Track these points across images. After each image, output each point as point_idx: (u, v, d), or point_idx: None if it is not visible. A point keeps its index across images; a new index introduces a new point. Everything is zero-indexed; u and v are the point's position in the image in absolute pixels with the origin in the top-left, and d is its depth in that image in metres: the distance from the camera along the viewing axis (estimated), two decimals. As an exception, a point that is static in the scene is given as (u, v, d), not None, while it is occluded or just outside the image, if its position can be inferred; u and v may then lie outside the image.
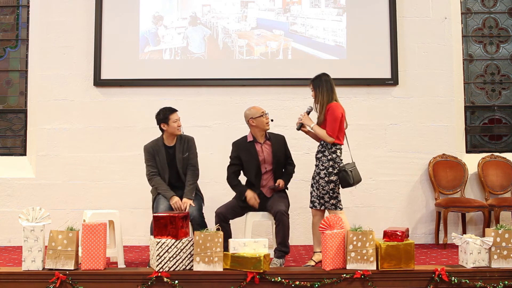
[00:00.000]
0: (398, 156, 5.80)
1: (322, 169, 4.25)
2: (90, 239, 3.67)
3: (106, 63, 5.79)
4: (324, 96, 4.29)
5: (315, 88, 4.33)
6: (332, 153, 4.25)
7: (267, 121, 4.46)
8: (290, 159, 4.60)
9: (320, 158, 4.31)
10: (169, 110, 4.49)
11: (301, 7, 5.88)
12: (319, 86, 4.31)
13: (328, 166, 4.23)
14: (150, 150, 4.54)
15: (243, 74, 5.82)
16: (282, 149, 4.53)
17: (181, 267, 3.69)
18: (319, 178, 4.25)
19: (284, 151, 4.55)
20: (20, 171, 5.85)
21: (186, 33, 5.87)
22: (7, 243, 5.66)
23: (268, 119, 4.48)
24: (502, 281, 3.63)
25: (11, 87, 6.12)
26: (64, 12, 5.84)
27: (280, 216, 4.18)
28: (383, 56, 5.80)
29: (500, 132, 6.13)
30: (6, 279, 3.64)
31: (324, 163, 4.26)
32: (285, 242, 4.20)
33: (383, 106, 5.83)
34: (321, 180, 4.24)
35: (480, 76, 6.16)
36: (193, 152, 4.57)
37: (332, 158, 4.24)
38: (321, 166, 4.27)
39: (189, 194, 4.41)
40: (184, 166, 4.53)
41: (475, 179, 5.84)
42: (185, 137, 4.59)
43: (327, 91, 4.29)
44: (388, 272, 3.64)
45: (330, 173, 4.22)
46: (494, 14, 6.22)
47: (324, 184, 4.22)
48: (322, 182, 4.23)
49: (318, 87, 4.31)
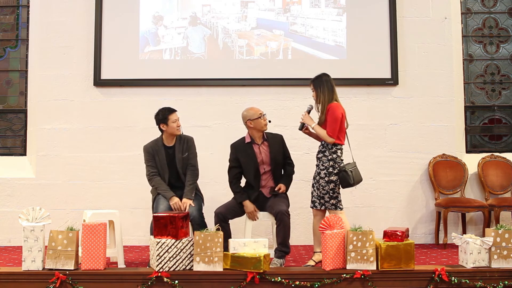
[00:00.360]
0: (398, 156, 5.80)
1: (323, 169, 4.25)
2: (90, 239, 3.67)
3: (106, 63, 5.79)
4: (325, 96, 4.29)
5: (315, 88, 4.33)
6: (332, 153, 4.25)
7: (265, 122, 4.46)
8: (289, 159, 4.59)
9: (320, 158, 4.31)
10: (168, 110, 4.48)
11: (301, 7, 5.88)
12: (320, 86, 4.31)
13: (329, 166, 4.23)
14: (150, 150, 4.54)
15: (243, 74, 5.81)
16: (280, 149, 4.52)
17: (181, 267, 3.69)
18: (320, 178, 4.26)
19: (283, 151, 4.54)
20: (20, 171, 5.85)
21: (186, 33, 5.87)
22: (7, 243, 5.66)
23: (266, 121, 4.47)
24: (502, 281, 3.63)
25: (11, 87, 6.12)
26: (64, 12, 5.84)
27: (281, 216, 4.18)
28: (383, 56, 5.80)
29: (500, 132, 6.13)
30: (6, 279, 3.64)
31: (324, 163, 4.26)
32: (285, 242, 4.20)
33: (383, 106, 5.83)
34: (321, 180, 4.24)
35: (480, 76, 6.16)
36: (192, 152, 4.57)
37: (333, 158, 4.24)
38: (322, 166, 4.27)
39: (189, 194, 4.41)
40: (183, 166, 4.53)
41: (475, 179, 5.84)
42: (184, 137, 4.58)
43: (328, 91, 4.29)
44: (388, 272, 3.64)
45: (330, 173, 4.22)
46: (494, 14, 6.22)
47: (324, 184, 4.22)
48: (322, 182, 4.23)
49: (319, 87, 4.31)
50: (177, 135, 4.54)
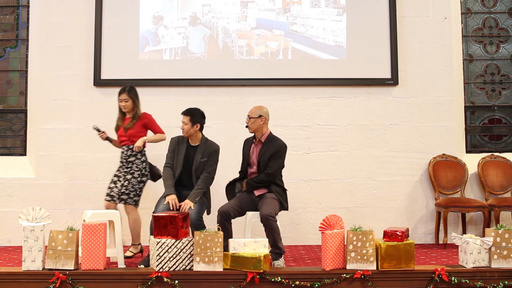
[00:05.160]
0: (398, 156, 5.80)
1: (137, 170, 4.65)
2: (90, 239, 3.67)
3: (106, 63, 5.79)
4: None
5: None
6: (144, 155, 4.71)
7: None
8: (270, 169, 4.41)
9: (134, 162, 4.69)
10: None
11: (301, 7, 5.88)
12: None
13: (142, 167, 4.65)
14: (174, 142, 4.60)
15: (243, 74, 5.82)
16: (268, 154, 4.44)
17: (181, 267, 3.69)
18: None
19: (268, 158, 4.43)
20: (20, 171, 5.85)
21: (186, 33, 5.87)
22: (7, 243, 5.66)
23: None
24: (502, 281, 3.63)
25: (11, 87, 6.12)
26: (64, 12, 5.84)
27: (265, 220, 4.18)
28: (383, 56, 5.81)
29: (500, 132, 6.13)
30: (6, 279, 3.64)
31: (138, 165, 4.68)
32: (276, 244, 4.20)
33: (383, 106, 5.83)
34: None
35: (480, 76, 6.16)
36: (212, 159, 4.52)
37: (145, 160, 4.70)
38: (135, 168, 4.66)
39: (192, 197, 4.39)
40: (199, 169, 4.49)
41: (475, 179, 5.84)
42: (211, 143, 4.58)
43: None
44: (388, 272, 3.65)
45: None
46: (494, 14, 6.22)
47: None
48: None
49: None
50: (204, 138, 4.57)
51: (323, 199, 5.72)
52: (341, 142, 5.79)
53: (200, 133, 4.56)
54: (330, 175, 5.75)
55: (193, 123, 4.48)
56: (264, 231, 4.23)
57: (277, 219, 4.29)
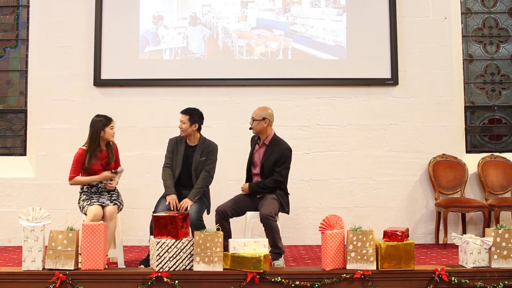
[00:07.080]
0: (398, 156, 5.80)
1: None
2: (90, 239, 3.67)
3: (106, 63, 5.79)
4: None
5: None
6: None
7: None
8: (276, 172, 4.40)
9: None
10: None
11: (301, 7, 5.88)
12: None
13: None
14: (173, 142, 4.61)
15: (243, 74, 5.82)
16: (272, 159, 4.41)
17: (181, 267, 3.69)
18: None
19: (273, 163, 4.40)
20: (20, 171, 5.85)
21: (186, 33, 5.87)
22: (7, 243, 5.66)
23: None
24: (502, 281, 3.63)
25: (11, 87, 6.12)
26: (64, 12, 5.84)
27: (264, 220, 4.19)
28: (383, 56, 5.80)
29: (500, 132, 6.13)
30: (6, 279, 3.64)
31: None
32: (276, 244, 4.20)
33: (383, 106, 5.83)
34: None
35: (480, 76, 6.16)
36: (211, 158, 4.54)
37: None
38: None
39: (192, 196, 4.40)
40: (198, 168, 4.50)
41: (475, 179, 5.84)
42: (209, 142, 4.59)
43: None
44: (388, 272, 3.65)
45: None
46: (494, 14, 6.22)
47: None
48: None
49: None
50: (202, 137, 4.57)
51: (323, 199, 5.72)
52: (341, 142, 5.79)
53: (198, 133, 4.57)
54: (330, 175, 5.75)
55: (192, 122, 4.49)
56: (264, 231, 4.24)
57: (277, 219, 4.29)
